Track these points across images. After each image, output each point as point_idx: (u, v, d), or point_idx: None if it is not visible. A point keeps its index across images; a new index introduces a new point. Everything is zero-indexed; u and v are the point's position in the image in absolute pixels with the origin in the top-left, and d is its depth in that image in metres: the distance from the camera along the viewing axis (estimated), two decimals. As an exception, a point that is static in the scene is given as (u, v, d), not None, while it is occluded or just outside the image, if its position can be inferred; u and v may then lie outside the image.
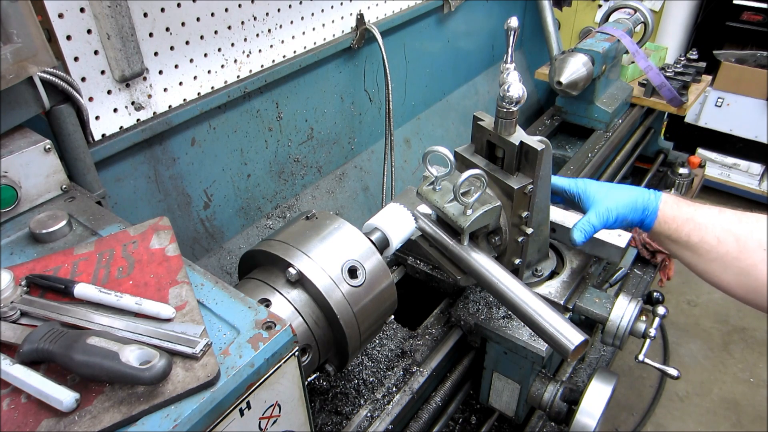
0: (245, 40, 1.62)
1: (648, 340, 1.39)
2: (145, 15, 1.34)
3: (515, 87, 1.13)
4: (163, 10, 1.37)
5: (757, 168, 4.09)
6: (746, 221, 1.18)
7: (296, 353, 0.82)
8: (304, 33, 1.80)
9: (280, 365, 0.80)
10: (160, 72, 1.43)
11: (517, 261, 1.34)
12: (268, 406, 0.81)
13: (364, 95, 2.15)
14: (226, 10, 1.53)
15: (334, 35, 1.91)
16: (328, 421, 1.32)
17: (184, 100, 1.52)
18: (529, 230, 1.27)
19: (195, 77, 1.52)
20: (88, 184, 1.23)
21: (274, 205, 1.94)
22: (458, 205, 1.19)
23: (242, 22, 1.59)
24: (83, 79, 1.27)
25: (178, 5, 1.40)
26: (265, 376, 0.78)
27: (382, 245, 1.16)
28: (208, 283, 0.88)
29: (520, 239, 1.29)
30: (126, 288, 0.84)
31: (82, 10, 1.21)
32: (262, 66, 1.70)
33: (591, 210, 1.33)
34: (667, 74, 2.56)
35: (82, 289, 0.81)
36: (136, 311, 0.80)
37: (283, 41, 1.74)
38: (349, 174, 2.21)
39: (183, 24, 1.43)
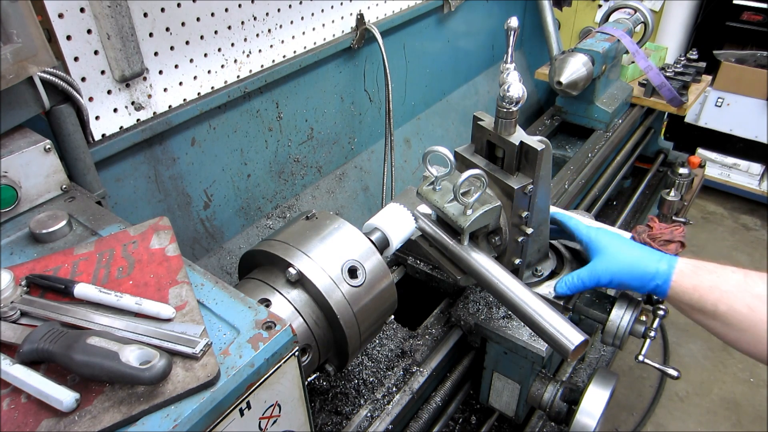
0: (245, 40, 1.62)
1: (648, 340, 1.39)
2: (145, 15, 1.34)
3: (515, 87, 1.13)
4: (163, 10, 1.37)
5: (757, 168, 4.09)
6: None
7: (296, 353, 0.82)
8: (304, 33, 1.80)
9: (280, 365, 0.80)
10: (160, 72, 1.43)
11: (517, 261, 1.34)
12: (268, 406, 0.81)
13: (364, 95, 2.15)
14: (226, 10, 1.53)
15: (334, 35, 1.91)
16: (328, 421, 1.32)
17: (184, 100, 1.52)
18: (529, 230, 1.27)
19: (195, 77, 1.52)
20: (88, 184, 1.23)
21: (274, 205, 1.94)
22: (458, 205, 1.19)
23: (242, 22, 1.59)
24: (83, 79, 1.27)
25: (178, 5, 1.40)
26: (265, 376, 0.78)
27: (382, 245, 1.16)
28: (208, 283, 0.88)
29: (520, 239, 1.29)
30: (126, 288, 0.84)
31: (82, 10, 1.21)
32: (262, 66, 1.70)
33: (589, 265, 1.27)
34: (667, 74, 2.56)
35: (82, 289, 0.81)
36: (136, 311, 0.80)
37: (283, 41, 1.74)
38: (349, 174, 2.21)
39: (183, 24, 1.43)
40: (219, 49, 1.55)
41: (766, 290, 1.07)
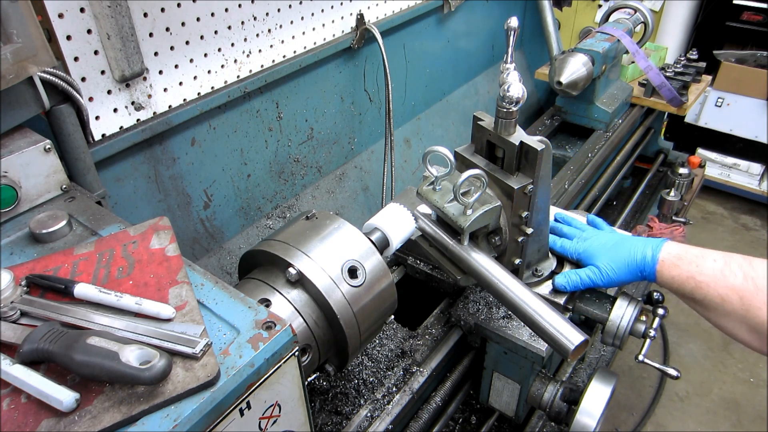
0: (245, 40, 1.62)
1: (648, 340, 1.39)
2: (145, 15, 1.34)
3: (515, 87, 1.13)
4: (163, 10, 1.37)
5: (757, 168, 4.09)
6: (752, 275, 1.10)
7: (296, 353, 0.82)
8: (304, 33, 1.80)
9: (280, 365, 0.80)
10: (160, 72, 1.43)
11: (517, 261, 1.34)
12: (268, 406, 0.81)
13: (364, 95, 2.15)
14: (226, 10, 1.53)
15: (334, 35, 1.91)
16: (328, 421, 1.32)
17: (184, 100, 1.52)
18: (529, 230, 1.27)
19: (195, 77, 1.52)
20: (88, 184, 1.23)
21: (274, 205, 1.94)
22: (458, 205, 1.19)
23: (242, 22, 1.59)
24: (83, 79, 1.27)
25: (178, 5, 1.40)
26: (265, 376, 0.78)
27: (382, 245, 1.16)
28: (208, 283, 0.88)
29: (520, 239, 1.29)
30: (126, 288, 0.84)
31: (82, 10, 1.21)
32: (262, 66, 1.70)
33: (588, 269, 1.32)
34: (667, 74, 2.56)
35: (82, 289, 0.81)
36: (136, 311, 0.80)
37: (283, 41, 1.74)
38: (349, 174, 2.21)
39: (183, 24, 1.43)
40: (219, 49, 1.55)
41: (739, 281, 1.11)
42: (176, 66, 1.46)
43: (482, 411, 1.71)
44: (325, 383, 1.38)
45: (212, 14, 1.50)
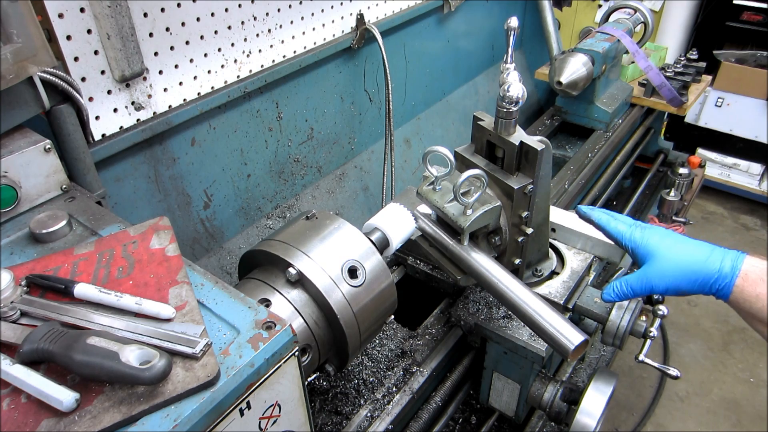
0: (245, 40, 1.62)
1: (648, 340, 1.39)
2: (145, 15, 1.34)
3: (515, 87, 1.13)
4: (163, 10, 1.37)
5: (757, 168, 4.09)
6: None
7: (296, 353, 0.82)
8: (304, 33, 1.80)
9: (280, 365, 0.80)
10: (160, 72, 1.43)
11: (517, 261, 1.34)
12: (268, 406, 0.81)
13: (364, 95, 2.15)
14: (226, 10, 1.53)
15: (334, 35, 1.91)
16: (328, 421, 1.32)
17: (184, 100, 1.52)
18: (529, 230, 1.27)
19: (195, 77, 1.52)
20: (88, 184, 1.23)
21: (274, 205, 1.95)
22: (458, 205, 1.19)
23: (242, 22, 1.59)
24: (83, 79, 1.27)
25: (178, 5, 1.40)
26: (265, 376, 0.78)
27: (382, 245, 1.16)
28: (208, 283, 0.88)
29: (520, 239, 1.29)
30: (126, 288, 0.84)
31: (82, 10, 1.21)
32: (262, 66, 1.70)
33: (640, 271, 1.12)
34: (667, 74, 2.56)
35: (82, 289, 0.81)
36: (136, 311, 0.80)
37: (283, 41, 1.74)
38: (349, 174, 2.21)
39: (183, 24, 1.43)
40: (219, 49, 1.55)
41: None
42: (176, 66, 1.46)
43: (482, 411, 1.71)
44: (325, 383, 1.38)
45: (212, 14, 1.50)
